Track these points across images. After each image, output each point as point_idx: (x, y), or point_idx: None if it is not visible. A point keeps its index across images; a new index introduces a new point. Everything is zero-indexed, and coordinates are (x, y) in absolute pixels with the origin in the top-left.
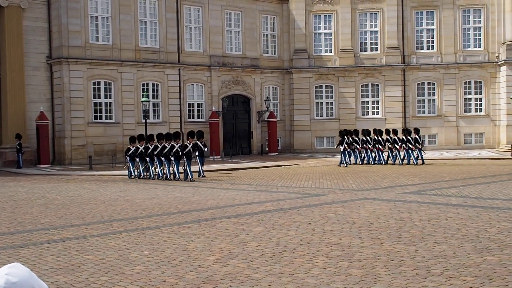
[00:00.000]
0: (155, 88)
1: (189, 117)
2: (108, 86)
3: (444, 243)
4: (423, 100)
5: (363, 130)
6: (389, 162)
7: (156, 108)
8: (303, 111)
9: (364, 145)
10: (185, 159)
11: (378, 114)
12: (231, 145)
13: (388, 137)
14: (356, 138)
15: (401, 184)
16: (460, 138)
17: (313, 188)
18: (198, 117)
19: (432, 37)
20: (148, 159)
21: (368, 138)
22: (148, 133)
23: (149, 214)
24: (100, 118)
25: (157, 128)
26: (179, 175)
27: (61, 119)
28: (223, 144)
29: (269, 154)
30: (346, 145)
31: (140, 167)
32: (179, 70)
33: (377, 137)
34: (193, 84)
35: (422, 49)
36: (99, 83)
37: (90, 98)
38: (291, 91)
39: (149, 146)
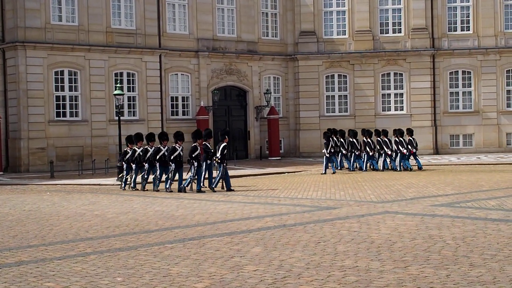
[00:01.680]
0: (131, 78)
1: (172, 114)
2: (73, 76)
3: (482, 266)
4: (457, 93)
5: (349, 131)
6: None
7: (132, 103)
8: (311, 106)
9: (351, 149)
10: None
11: (403, 109)
12: None
13: (378, 139)
14: (342, 140)
15: (430, 194)
16: (502, 139)
17: (323, 200)
18: (183, 114)
19: (468, 16)
20: (146, 165)
21: (355, 140)
22: (121, 132)
23: (124, 232)
24: (64, 115)
25: (133, 127)
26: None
27: (16, 116)
28: (213, 148)
29: (270, 158)
30: (332, 149)
31: (134, 175)
32: (160, 56)
33: (367, 139)
34: (177, 74)
35: (455, 30)
36: (62, 72)
37: (52, 90)
38: (296, 82)
39: (149, 148)
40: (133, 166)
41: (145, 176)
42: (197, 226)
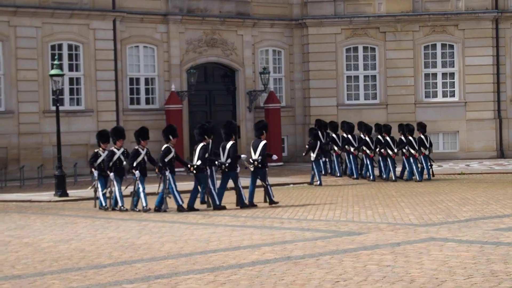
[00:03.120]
0: (74, 53)
1: (132, 102)
2: None
3: None
4: None
5: (343, 124)
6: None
7: (75, 87)
8: (325, 92)
9: (346, 147)
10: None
11: (454, 96)
12: None
13: (379, 136)
14: (334, 136)
15: (493, 214)
16: None
17: (343, 222)
18: (147, 102)
19: None
20: (137, 172)
21: (350, 136)
22: (60, 127)
23: (64, 267)
24: None
25: (77, 120)
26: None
27: None
28: (190, 149)
29: (269, 164)
30: (320, 150)
31: (116, 187)
32: (114, 22)
33: (364, 136)
34: (137, 46)
35: None
36: None
37: None
38: (305, 58)
39: (140, 149)
40: (111, 174)
41: (141, 189)
42: (167, 258)
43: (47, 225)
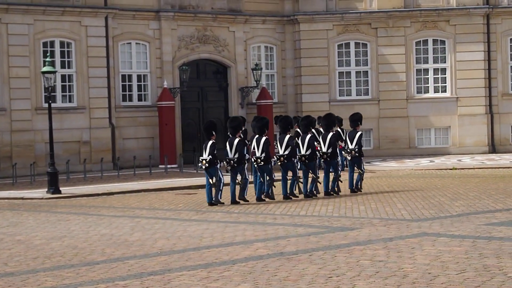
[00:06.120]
0: (66, 50)
1: (124, 99)
2: None
3: None
4: None
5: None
6: None
7: (67, 84)
8: (317, 87)
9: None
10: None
11: (445, 91)
12: (195, 146)
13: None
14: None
15: (485, 209)
16: None
17: (336, 218)
18: (140, 99)
19: None
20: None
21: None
22: (53, 124)
23: (57, 264)
24: None
25: (69, 117)
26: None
27: None
28: (182, 145)
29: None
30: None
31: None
32: (106, 19)
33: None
34: (130, 43)
35: None
36: None
37: None
38: (297, 54)
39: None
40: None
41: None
42: (160, 255)
43: (39, 222)
